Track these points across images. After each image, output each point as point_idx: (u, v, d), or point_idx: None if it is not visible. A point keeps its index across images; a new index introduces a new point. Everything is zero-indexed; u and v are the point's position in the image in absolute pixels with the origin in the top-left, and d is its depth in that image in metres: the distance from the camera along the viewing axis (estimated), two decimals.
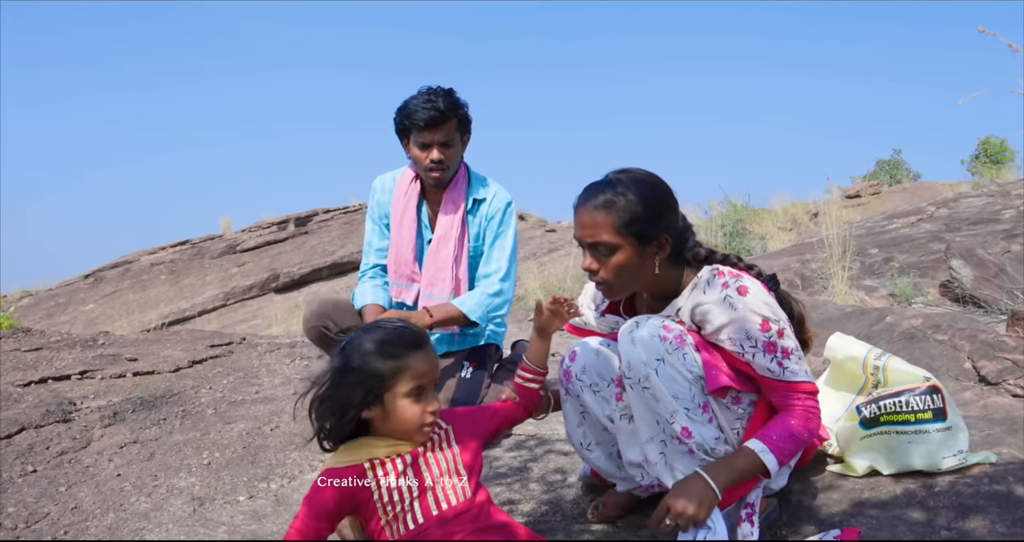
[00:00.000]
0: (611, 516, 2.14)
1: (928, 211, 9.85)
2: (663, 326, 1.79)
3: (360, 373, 1.57)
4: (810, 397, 1.82)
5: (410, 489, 1.59)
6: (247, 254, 19.41)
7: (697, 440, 1.79)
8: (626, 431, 1.93)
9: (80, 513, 2.37)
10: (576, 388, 2.03)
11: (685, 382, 1.77)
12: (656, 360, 1.76)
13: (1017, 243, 7.44)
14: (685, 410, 1.78)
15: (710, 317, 1.81)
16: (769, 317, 1.78)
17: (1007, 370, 3.31)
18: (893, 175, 23.80)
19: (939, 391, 1.97)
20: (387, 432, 1.61)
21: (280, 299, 17.67)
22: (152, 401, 3.25)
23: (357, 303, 2.99)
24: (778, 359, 1.78)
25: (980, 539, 1.65)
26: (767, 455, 1.74)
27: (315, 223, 23.35)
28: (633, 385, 1.81)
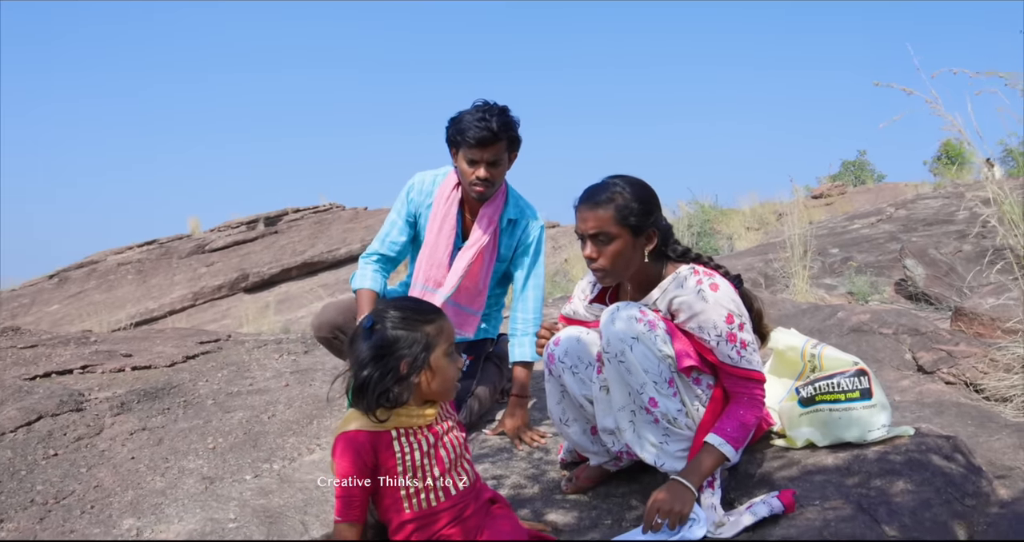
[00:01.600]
0: (583, 488, 2.44)
1: (887, 212, 10.27)
2: (640, 311, 2.11)
3: (407, 342, 1.79)
4: (758, 385, 2.16)
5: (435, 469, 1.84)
6: (216, 254, 19.38)
7: (662, 410, 2.10)
8: (603, 401, 2.24)
9: (102, 491, 2.61)
10: (558, 369, 2.32)
11: (655, 359, 2.08)
12: (632, 338, 2.08)
13: (968, 243, 7.84)
14: (654, 383, 2.09)
15: (684, 307, 2.12)
16: (734, 311, 2.11)
17: (942, 360, 3.65)
18: (858, 176, 24.43)
19: (866, 374, 2.28)
20: (430, 393, 1.85)
21: (250, 299, 17.74)
22: (155, 392, 3.47)
23: (355, 284, 3.06)
24: (737, 349, 2.10)
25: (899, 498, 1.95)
26: (726, 447, 2.07)
27: (285, 223, 23.37)
28: (610, 359, 2.12)
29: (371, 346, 1.80)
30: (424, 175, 3.15)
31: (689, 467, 2.08)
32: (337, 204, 24.43)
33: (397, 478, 1.81)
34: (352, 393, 1.83)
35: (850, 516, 1.90)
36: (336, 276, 19.42)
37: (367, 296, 3.01)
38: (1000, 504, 2.05)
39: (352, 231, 21.62)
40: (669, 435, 2.15)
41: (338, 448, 1.81)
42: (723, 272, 2.26)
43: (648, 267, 2.24)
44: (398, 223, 3.14)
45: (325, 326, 3.08)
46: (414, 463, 1.82)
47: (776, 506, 1.98)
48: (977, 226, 8.52)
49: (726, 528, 1.98)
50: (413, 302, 1.94)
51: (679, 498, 2.00)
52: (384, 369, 1.78)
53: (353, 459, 1.78)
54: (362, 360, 1.80)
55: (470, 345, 3.24)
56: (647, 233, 2.19)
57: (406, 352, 1.80)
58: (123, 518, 2.42)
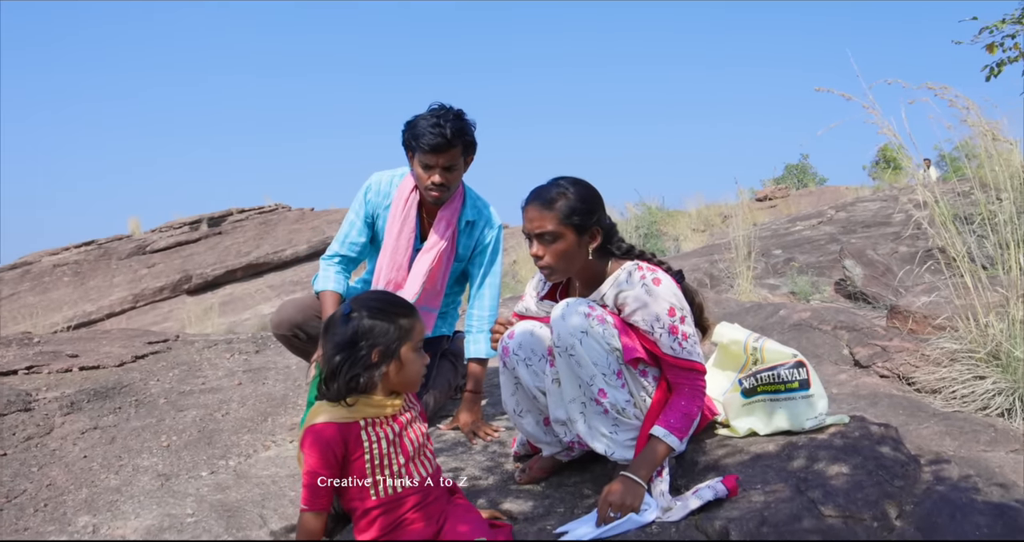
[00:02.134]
0: (537, 478, 2.52)
1: (828, 214, 10.58)
2: (589, 306, 2.20)
3: (381, 332, 1.86)
4: (699, 376, 2.26)
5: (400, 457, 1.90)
6: (157, 255, 19.05)
7: (611, 401, 2.19)
8: (555, 393, 2.32)
9: (55, 489, 2.60)
10: (512, 362, 2.40)
11: (604, 352, 2.17)
12: (581, 332, 2.16)
13: (904, 245, 8.13)
14: (603, 375, 2.18)
15: (629, 301, 2.22)
16: (675, 305, 2.20)
17: (876, 355, 3.81)
18: (800, 179, 25.08)
19: (804, 365, 2.40)
20: (396, 384, 1.91)
21: (193, 301, 17.50)
22: (105, 392, 3.45)
23: (318, 286, 3.09)
24: (679, 340, 2.20)
25: (835, 481, 2.07)
26: (670, 437, 2.16)
27: (229, 223, 23.05)
28: (561, 353, 2.21)
29: (346, 333, 1.86)
30: (381, 175, 3.18)
31: (637, 461, 2.17)
32: (283, 205, 24.18)
33: (364, 467, 1.86)
34: (321, 381, 1.88)
35: (789, 498, 2.01)
36: (282, 277, 19.25)
37: (331, 298, 3.05)
38: (927, 486, 2.18)
39: (299, 232, 21.43)
40: (618, 425, 2.24)
41: (307, 440, 1.85)
42: (665, 268, 2.36)
43: (594, 264, 2.34)
44: (356, 224, 3.17)
45: (284, 324, 3.11)
46: (380, 452, 1.88)
47: (720, 490, 2.08)
48: (911, 228, 8.85)
49: (674, 511, 2.07)
50: (390, 296, 2.00)
51: (630, 492, 2.09)
52: (356, 356, 1.84)
53: (323, 451, 1.82)
54: (336, 346, 1.86)
55: (427, 342, 3.29)
56: (591, 231, 2.28)
57: (380, 341, 1.86)
58: (78, 515, 2.43)
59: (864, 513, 1.95)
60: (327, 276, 3.12)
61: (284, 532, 2.32)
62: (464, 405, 3.04)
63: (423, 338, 1.98)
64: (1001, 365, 3.29)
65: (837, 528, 1.88)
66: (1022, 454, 2.65)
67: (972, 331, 3.41)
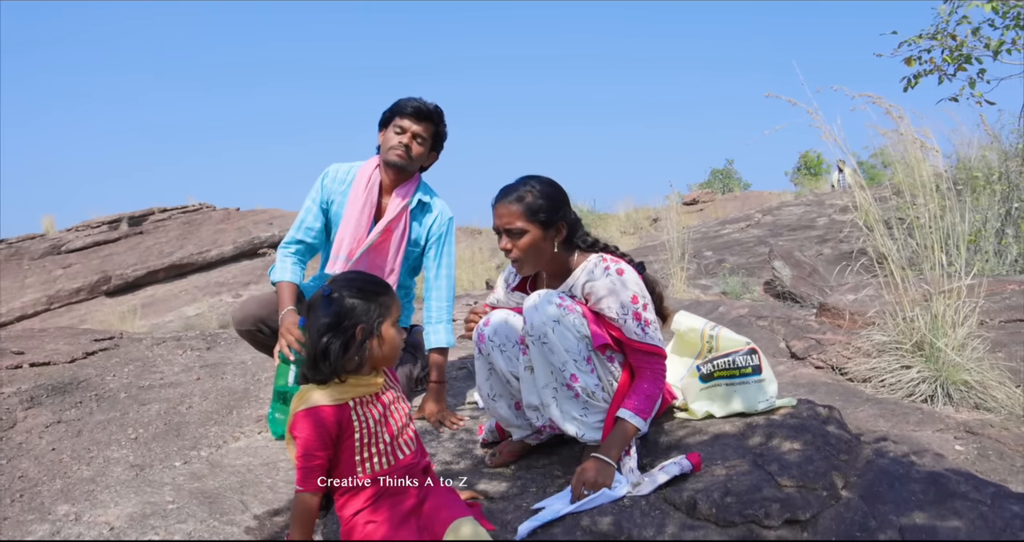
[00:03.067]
0: (507, 461, 2.65)
1: (755, 218, 11.00)
2: (559, 297, 2.36)
3: (362, 310, 1.96)
4: (660, 360, 2.42)
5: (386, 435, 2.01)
6: (74, 255, 18.48)
7: (582, 385, 2.34)
8: (528, 380, 2.45)
9: (28, 481, 2.62)
10: (487, 348, 2.52)
11: (575, 339, 2.32)
12: (553, 321, 2.31)
13: (828, 247, 8.55)
14: (574, 361, 2.33)
15: (595, 290, 2.37)
16: (638, 293, 2.37)
17: (812, 348, 4.07)
18: (726, 184, 25.85)
19: (757, 352, 2.60)
20: (378, 360, 2.02)
21: (112, 302, 17.05)
22: (63, 387, 3.44)
23: (275, 276, 3.16)
24: (642, 326, 2.37)
25: (788, 456, 2.26)
26: (636, 418, 2.32)
27: (151, 223, 22.49)
28: (534, 341, 2.35)
29: (330, 314, 1.95)
30: (339, 165, 3.35)
31: (607, 443, 2.32)
32: (207, 204, 23.73)
33: (354, 446, 1.96)
34: (305, 365, 1.97)
35: (748, 471, 2.19)
36: (207, 278, 18.89)
37: (288, 288, 3.11)
38: (867, 460, 2.39)
39: (224, 232, 21.05)
40: (588, 408, 2.39)
41: (301, 422, 1.93)
42: (628, 260, 2.53)
43: (561, 256, 2.50)
44: (312, 209, 3.29)
45: (248, 319, 3.15)
46: (369, 431, 1.98)
47: (686, 466, 2.25)
48: (835, 232, 9.29)
49: (643, 486, 2.23)
50: (366, 275, 2.10)
51: (601, 472, 2.24)
52: (343, 335, 1.93)
53: (318, 432, 1.91)
54: (321, 327, 1.95)
55: None
56: (556, 226, 2.45)
57: (362, 319, 1.96)
58: (56, 504, 2.45)
59: (816, 483, 2.15)
60: (283, 266, 3.19)
61: (267, 516, 2.39)
62: (429, 395, 3.15)
63: (400, 313, 2.09)
64: (925, 356, 3.57)
65: (793, 497, 2.07)
66: (946, 433, 2.91)
67: (900, 325, 3.68)
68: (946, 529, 1.95)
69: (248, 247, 20.01)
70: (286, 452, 2.93)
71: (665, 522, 2.06)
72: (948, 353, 3.45)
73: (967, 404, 3.39)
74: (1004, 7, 7.40)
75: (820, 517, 2.07)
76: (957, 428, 2.97)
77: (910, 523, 2.00)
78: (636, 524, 2.05)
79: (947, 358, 3.47)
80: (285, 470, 2.75)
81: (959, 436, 2.88)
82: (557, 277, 2.53)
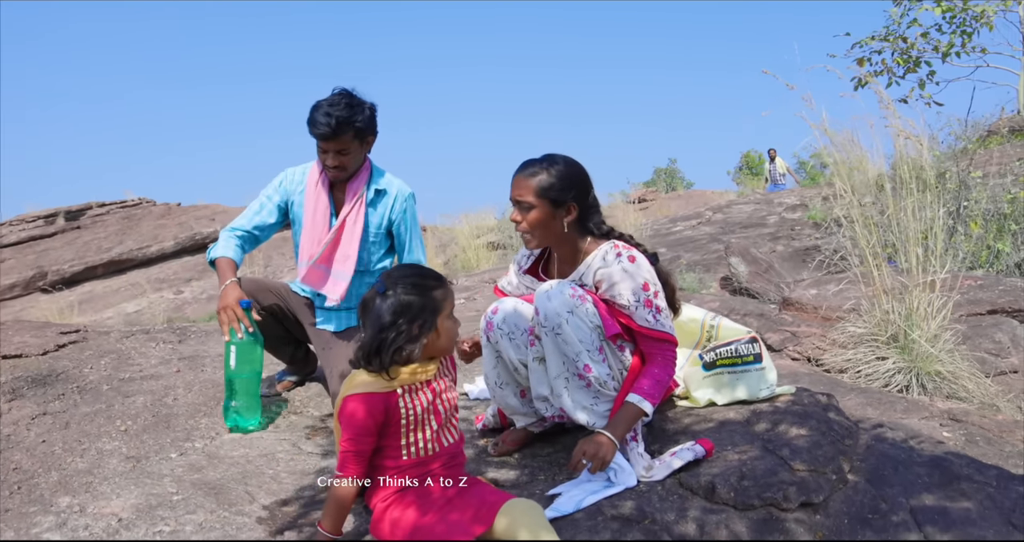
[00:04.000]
0: (510, 450, 2.66)
1: (706, 216, 11.18)
2: (571, 287, 2.37)
3: (418, 306, 1.96)
4: (671, 347, 2.44)
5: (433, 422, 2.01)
6: (7, 250, 17.93)
7: (594, 375, 2.36)
8: (537, 371, 2.47)
9: (23, 473, 2.54)
10: (496, 336, 2.54)
11: (588, 329, 2.34)
12: (567, 312, 2.33)
13: (780, 244, 8.74)
14: (587, 351, 2.35)
15: (606, 278, 2.40)
16: (649, 281, 2.39)
17: (787, 340, 4.17)
18: (669, 182, 26.22)
19: (757, 341, 2.66)
20: (434, 351, 2.02)
21: (48, 299, 16.54)
22: (42, 379, 3.34)
23: (214, 253, 3.14)
24: (653, 313, 2.38)
25: (796, 441, 2.32)
26: (644, 403, 2.33)
27: (89, 218, 21.89)
28: (548, 332, 2.36)
29: (386, 311, 1.95)
30: (293, 169, 3.32)
31: (613, 422, 2.34)
32: (147, 199, 23.21)
33: (400, 431, 1.96)
34: (361, 357, 1.96)
35: (760, 456, 2.25)
36: (147, 275, 18.47)
37: (227, 263, 3.09)
38: (867, 445, 2.48)
39: (165, 228, 20.60)
40: (599, 397, 2.42)
41: (348, 409, 1.92)
42: (642, 249, 2.56)
43: (574, 240, 2.51)
44: (268, 205, 3.27)
45: None
46: (416, 418, 1.98)
47: (699, 451, 2.29)
48: (786, 229, 9.50)
49: (657, 471, 2.27)
50: (419, 268, 2.10)
51: (602, 446, 2.26)
52: (399, 331, 1.93)
53: (366, 419, 1.91)
54: (378, 324, 1.94)
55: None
56: (566, 207, 2.45)
57: (419, 315, 1.96)
58: (56, 496, 2.38)
59: (825, 467, 2.21)
60: (227, 245, 3.16)
61: (276, 506, 2.36)
62: None
63: (454, 304, 2.10)
64: (900, 347, 3.69)
65: (807, 480, 2.13)
66: (931, 420, 3.02)
67: (876, 317, 3.80)
68: (957, 510, 2.03)
69: (190, 243, 19.61)
70: (283, 443, 2.90)
71: (685, 506, 2.10)
72: (922, 344, 3.58)
73: (940, 394, 3.53)
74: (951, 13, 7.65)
75: (831, 500, 2.14)
76: (941, 416, 3.09)
77: (920, 505, 2.08)
78: (657, 508, 2.09)
79: (921, 349, 3.60)
80: (285, 461, 2.72)
81: (944, 423, 3.00)
82: (569, 262, 2.55)
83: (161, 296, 17.06)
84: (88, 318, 15.37)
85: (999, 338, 4.17)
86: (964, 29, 7.82)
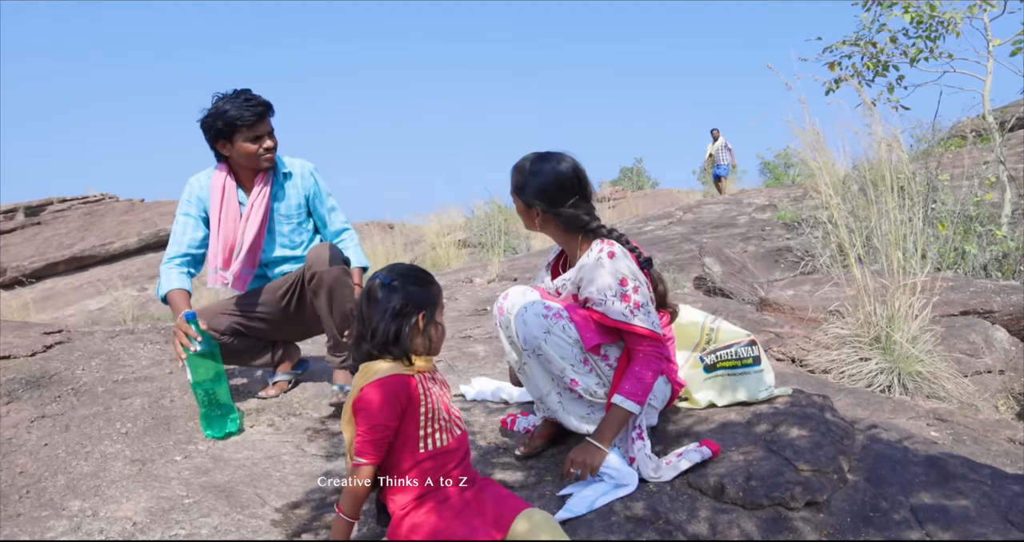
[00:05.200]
0: (537, 446, 2.68)
1: (677, 215, 11.32)
2: (544, 307, 2.45)
3: (422, 297, 2.02)
4: (653, 342, 2.44)
5: (444, 412, 2.04)
6: None
7: (583, 387, 2.44)
8: (530, 376, 2.55)
9: (29, 476, 2.53)
10: (506, 320, 2.57)
11: (568, 345, 2.42)
12: (544, 332, 2.42)
13: (752, 244, 8.88)
14: (571, 366, 2.43)
15: (585, 274, 2.46)
16: (627, 275, 2.43)
17: (771, 341, 4.26)
18: (636, 181, 26.40)
19: (756, 344, 2.74)
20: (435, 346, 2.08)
21: (7, 296, 16.29)
22: (35, 381, 3.31)
23: (162, 289, 3.14)
24: (631, 308, 2.40)
25: (799, 441, 2.40)
26: (627, 403, 2.37)
27: (49, 213, 21.59)
28: (530, 354, 2.46)
29: (395, 299, 1.98)
30: (199, 176, 3.32)
31: (599, 428, 2.40)
32: (110, 195, 22.90)
33: (419, 420, 1.98)
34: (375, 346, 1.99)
35: (765, 456, 2.32)
36: (110, 271, 18.25)
37: (180, 296, 3.11)
38: (863, 445, 2.56)
39: (128, 224, 20.35)
40: (593, 406, 2.49)
41: (370, 396, 1.93)
42: (629, 247, 2.56)
43: (573, 241, 2.57)
44: (190, 221, 3.27)
45: None
46: (432, 405, 2.01)
47: (706, 452, 2.36)
48: (756, 229, 9.64)
49: (665, 472, 2.33)
50: (413, 265, 2.14)
51: (590, 454, 2.34)
52: (408, 320, 1.98)
53: (391, 402, 1.92)
54: (388, 312, 1.98)
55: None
56: (535, 208, 2.52)
57: (424, 306, 2.01)
58: (66, 500, 2.38)
59: (828, 467, 2.29)
60: (170, 278, 3.17)
61: (288, 509, 2.39)
62: None
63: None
64: (882, 348, 3.80)
65: (811, 480, 2.21)
66: (918, 420, 3.12)
67: (860, 319, 3.90)
68: (956, 508, 2.12)
69: (154, 239, 19.41)
70: (286, 445, 2.91)
71: (696, 506, 2.17)
72: (904, 345, 3.69)
73: (920, 394, 3.64)
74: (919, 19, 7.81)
75: (833, 499, 2.22)
76: (927, 415, 3.19)
77: (919, 503, 2.17)
78: (668, 508, 2.16)
79: (902, 350, 3.71)
80: (291, 463, 2.74)
81: (931, 423, 3.10)
82: (573, 260, 2.61)
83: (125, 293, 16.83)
84: (50, 315, 15.14)
85: (973, 339, 4.31)
86: (930, 33, 7.99)
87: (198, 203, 3.26)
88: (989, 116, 7.42)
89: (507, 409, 3.18)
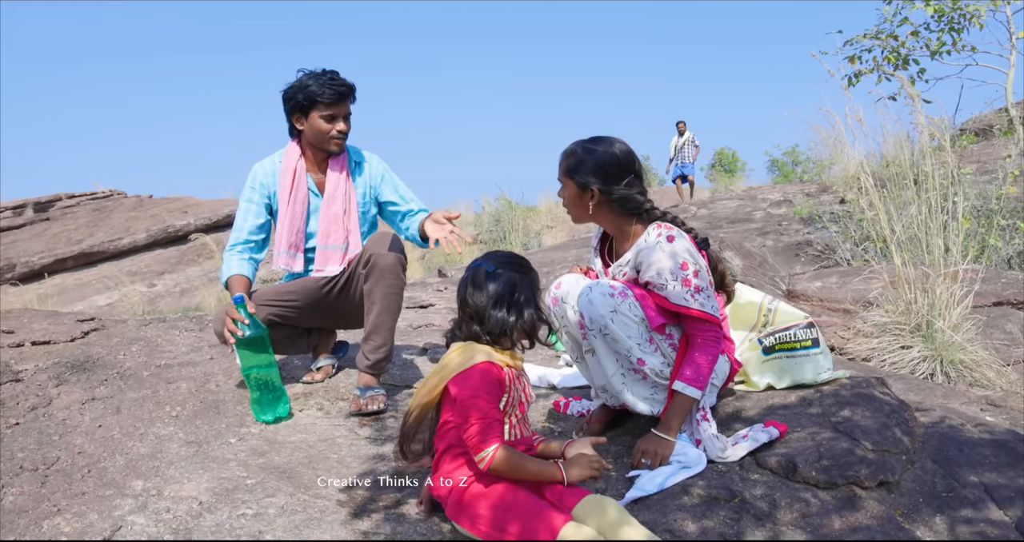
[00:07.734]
0: (595, 430, 2.67)
1: (692, 211, 11.29)
2: (609, 285, 2.44)
3: (527, 286, 2.03)
4: (711, 327, 2.44)
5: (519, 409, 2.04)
6: None
7: (650, 366, 2.42)
8: (592, 362, 2.54)
9: (88, 457, 2.52)
10: (561, 310, 2.58)
11: (634, 324, 2.41)
12: (611, 311, 2.40)
13: (770, 239, 8.87)
14: (638, 345, 2.42)
15: (645, 257, 2.44)
16: (688, 260, 2.42)
17: None
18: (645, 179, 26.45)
19: (814, 326, 2.73)
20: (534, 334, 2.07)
21: (17, 291, 16.30)
22: (81, 365, 3.30)
23: (224, 275, 3.13)
24: (691, 292, 2.40)
25: (863, 422, 2.39)
26: (689, 389, 2.37)
27: (58, 209, 21.54)
28: (595, 334, 2.44)
29: (503, 286, 1.98)
30: (263, 163, 3.28)
31: (664, 418, 2.41)
32: (118, 191, 22.89)
33: (502, 409, 1.98)
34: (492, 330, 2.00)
35: (833, 437, 2.32)
36: (119, 267, 18.22)
37: (236, 281, 3.08)
38: (924, 426, 2.55)
39: (137, 220, 20.32)
40: (657, 386, 2.47)
41: (476, 377, 1.94)
42: (686, 228, 2.56)
43: (620, 224, 2.56)
44: (252, 208, 3.23)
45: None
46: (512, 401, 2.01)
47: (773, 433, 2.35)
48: (773, 224, 9.62)
49: (732, 452, 2.32)
50: (513, 253, 2.14)
51: (660, 445, 2.35)
52: (515, 307, 1.96)
53: (494, 388, 1.94)
54: (498, 298, 1.98)
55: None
56: (590, 190, 2.49)
57: (527, 293, 2.00)
58: (128, 480, 2.37)
59: (895, 448, 2.29)
60: (230, 264, 3.15)
61: (350, 489, 2.38)
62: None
63: None
64: (924, 336, 3.78)
65: (880, 460, 2.20)
66: (971, 405, 3.11)
67: (900, 307, 3.89)
68: None
69: (162, 235, 19.39)
70: (339, 429, 2.90)
71: (769, 484, 2.16)
72: (947, 333, 3.67)
73: (963, 381, 3.63)
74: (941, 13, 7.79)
75: (903, 479, 2.21)
76: (980, 401, 3.18)
77: (993, 483, 2.16)
78: (742, 487, 2.15)
79: (944, 338, 3.70)
80: (346, 446, 2.73)
81: (984, 408, 3.09)
82: (622, 244, 2.59)
83: (134, 289, 16.85)
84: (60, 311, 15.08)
85: (1009, 329, 4.30)
86: (953, 26, 7.96)
87: (261, 189, 3.22)
88: (1012, 109, 7.40)
89: (552, 395, 3.17)
